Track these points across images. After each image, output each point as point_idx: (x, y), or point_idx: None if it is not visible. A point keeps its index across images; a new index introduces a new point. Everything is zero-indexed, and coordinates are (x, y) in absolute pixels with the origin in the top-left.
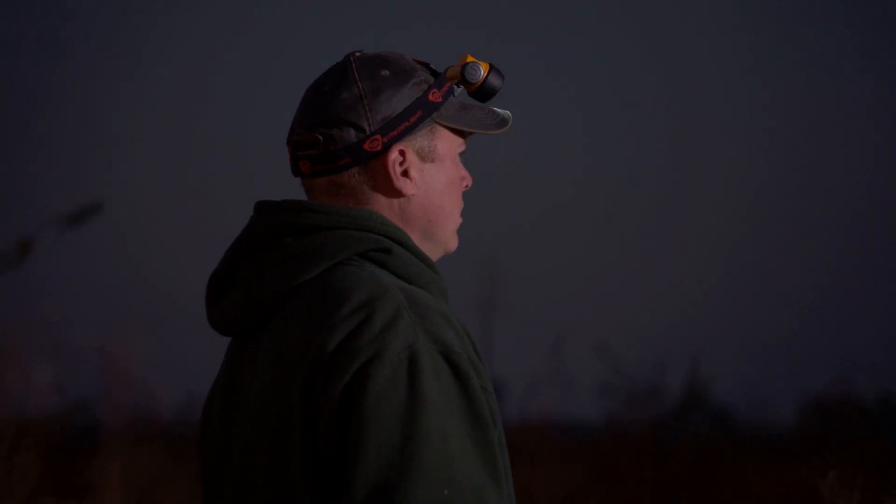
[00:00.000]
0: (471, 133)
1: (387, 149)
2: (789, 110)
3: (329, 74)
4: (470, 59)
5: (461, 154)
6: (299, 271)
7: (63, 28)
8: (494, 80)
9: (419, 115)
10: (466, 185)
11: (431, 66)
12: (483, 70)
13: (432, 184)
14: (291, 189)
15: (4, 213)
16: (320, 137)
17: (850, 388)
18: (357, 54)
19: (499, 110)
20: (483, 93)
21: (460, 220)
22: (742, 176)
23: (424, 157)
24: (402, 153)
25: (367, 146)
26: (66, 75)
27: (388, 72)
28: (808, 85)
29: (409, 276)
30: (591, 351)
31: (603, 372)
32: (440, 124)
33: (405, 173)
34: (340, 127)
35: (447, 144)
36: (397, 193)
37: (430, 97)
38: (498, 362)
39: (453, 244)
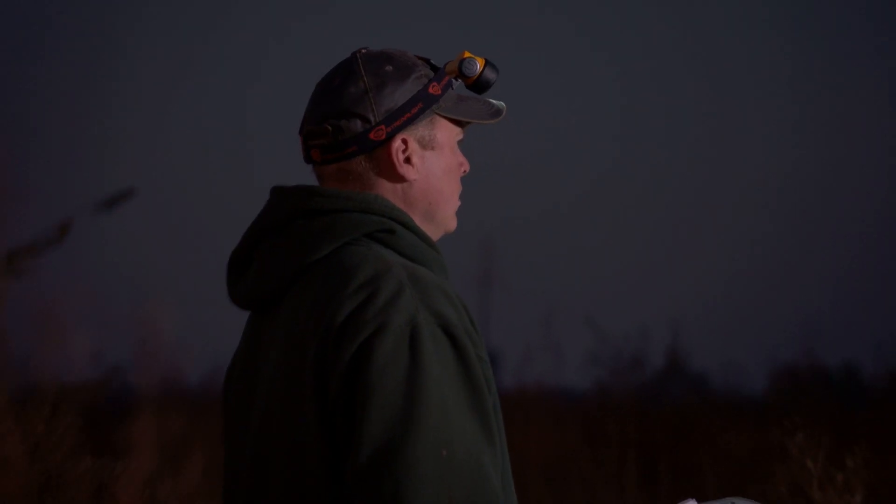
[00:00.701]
0: (468, 122)
1: (390, 138)
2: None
3: (337, 70)
4: (467, 54)
5: (459, 142)
6: (312, 250)
7: (88, 7)
8: (489, 74)
9: (420, 106)
10: (464, 171)
11: (432, 61)
12: (479, 65)
13: (432, 169)
14: (304, 175)
15: (46, 197)
16: (330, 128)
17: (815, 357)
18: (363, 51)
19: (493, 101)
20: (479, 86)
21: (459, 203)
22: (729, 163)
23: (425, 145)
24: (404, 142)
25: (372, 136)
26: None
27: (391, 67)
28: (838, 69)
29: (412, 255)
30: (580, 323)
31: (591, 342)
32: (439, 115)
33: (408, 160)
34: (348, 118)
35: (446, 133)
36: (400, 179)
37: (430, 90)
38: (494, 334)
39: (452, 225)
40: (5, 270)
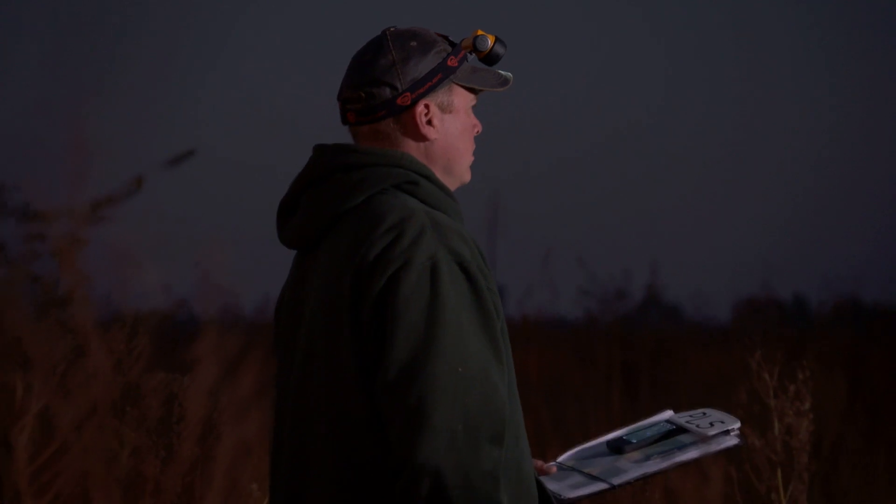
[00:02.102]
0: (481, 90)
1: (415, 103)
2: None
3: (369, 45)
4: (480, 32)
5: (473, 107)
6: (348, 199)
7: None
8: (499, 49)
9: (440, 76)
10: (477, 131)
11: (450, 38)
12: (490, 41)
13: (450, 130)
14: (341, 134)
15: (123, 154)
16: (363, 94)
17: (771, 290)
18: (391, 29)
19: (502, 72)
20: (490, 59)
21: (472, 158)
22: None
23: (444, 109)
24: (426, 106)
25: (399, 101)
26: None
27: (415, 43)
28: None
29: (433, 203)
30: (573, 264)
31: (581, 280)
32: (456, 84)
33: (429, 122)
34: (379, 86)
35: (462, 99)
36: (423, 138)
37: (449, 62)
38: (500, 271)
39: (467, 177)
40: (89, 217)
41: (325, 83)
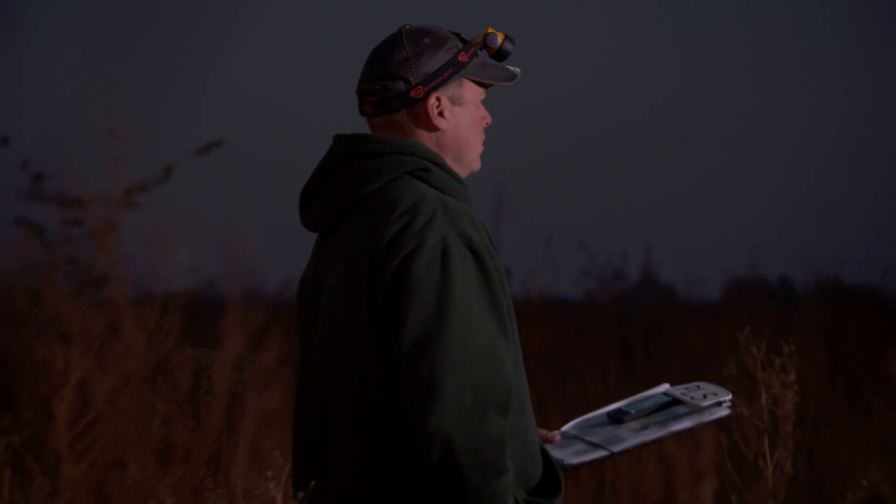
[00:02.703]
0: (490, 84)
1: (427, 96)
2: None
3: (386, 42)
4: (490, 30)
5: (483, 100)
6: (365, 185)
7: None
8: (508, 46)
9: (451, 71)
10: (487, 122)
11: (462, 35)
12: (500, 38)
13: (460, 121)
14: (360, 124)
15: (154, 144)
16: (379, 88)
17: (758, 271)
18: (407, 27)
19: (511, 68)
20: (499, 55)
21: (482, 148)
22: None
23: (455, 102)
24: (438, 99)
25: (412, 94)
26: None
27: (428, 39)
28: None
29: (444, 188)
30: (574, 247)
31: (582, 262)
32: (466, 78)
33: (440, 114)
34: (394, 80)
35: (471, 93)
36: (434, 128)
37: (459, 58)
38: (506, 254)
39: (477, 165)
40: (123, 203)
41: (341, 79)
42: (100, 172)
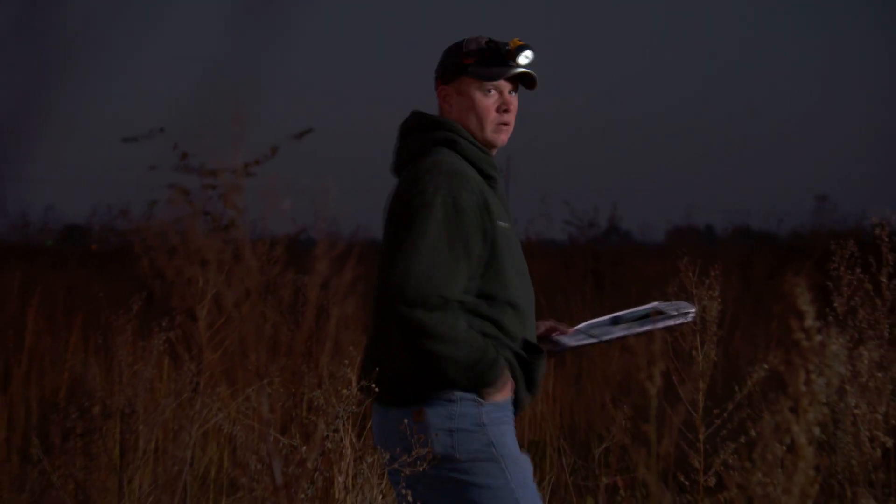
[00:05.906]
0: (489, 80)
1: (439, 87)
2: None
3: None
4: (518, 41)
5: (488, 91)
6: (414, 150)
7: None
8: (517, 52)
9: (454, 71)
10: (497, 107)
11: (497, 41)
12: (511, 46)
13: (462, 107)
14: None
15: (265, 128)
16: (435, 77)
17: (692, 220)
18: (466, 38)
19: (516, 69)
20: (511, 57)
21: (495, 125)
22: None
23: (458, 93)
24: (446, 90)
25: (439, 84)
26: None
27: (458, 45)
28: None
29: (468, 156)
30: (562, 203)
31: (567, 214)
32: (466, 76)
33: (447, 101)
34: (437, 73)
35: (471, 86)
36: (446, 112)
37: (465, 61)
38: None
39: (498, 140)
40: (243, 173)
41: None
42: (226, 151)
